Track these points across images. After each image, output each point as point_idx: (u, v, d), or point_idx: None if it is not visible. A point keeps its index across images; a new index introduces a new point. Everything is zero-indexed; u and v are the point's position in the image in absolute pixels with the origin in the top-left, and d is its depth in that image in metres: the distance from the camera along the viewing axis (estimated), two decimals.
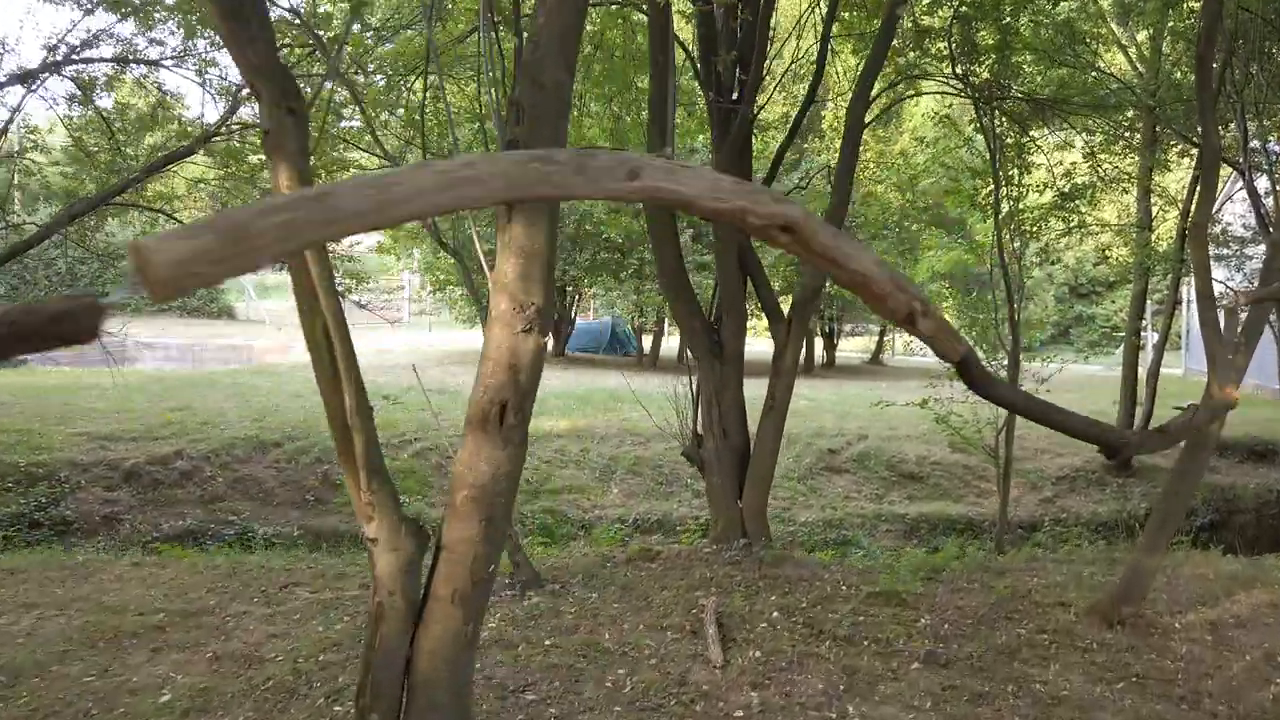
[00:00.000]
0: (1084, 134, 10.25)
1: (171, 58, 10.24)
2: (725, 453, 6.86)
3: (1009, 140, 8.57)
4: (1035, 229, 8.81)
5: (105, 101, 10.80)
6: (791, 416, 14.95)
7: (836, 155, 6.94)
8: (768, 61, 6.98)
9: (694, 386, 7.23)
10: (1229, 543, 12.35)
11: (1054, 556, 7.46)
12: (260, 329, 31.80)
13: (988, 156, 8.46)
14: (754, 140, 7.66)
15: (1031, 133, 9.17)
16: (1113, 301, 35.00)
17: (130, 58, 10.07)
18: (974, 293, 10.73)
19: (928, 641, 5.12)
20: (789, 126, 7.34)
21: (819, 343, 24.87)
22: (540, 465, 11.95)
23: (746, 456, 6.88)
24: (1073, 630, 5.45)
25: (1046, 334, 35.07)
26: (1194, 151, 12.24)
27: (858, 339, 31.23)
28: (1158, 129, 12.08)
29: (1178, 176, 15.09)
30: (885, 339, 28.93)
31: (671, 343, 27.10)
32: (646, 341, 25.75)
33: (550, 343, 18.57)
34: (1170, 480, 5.82)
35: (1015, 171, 8.69)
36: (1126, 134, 10.60)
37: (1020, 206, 8.83)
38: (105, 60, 10.06)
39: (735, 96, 6.56)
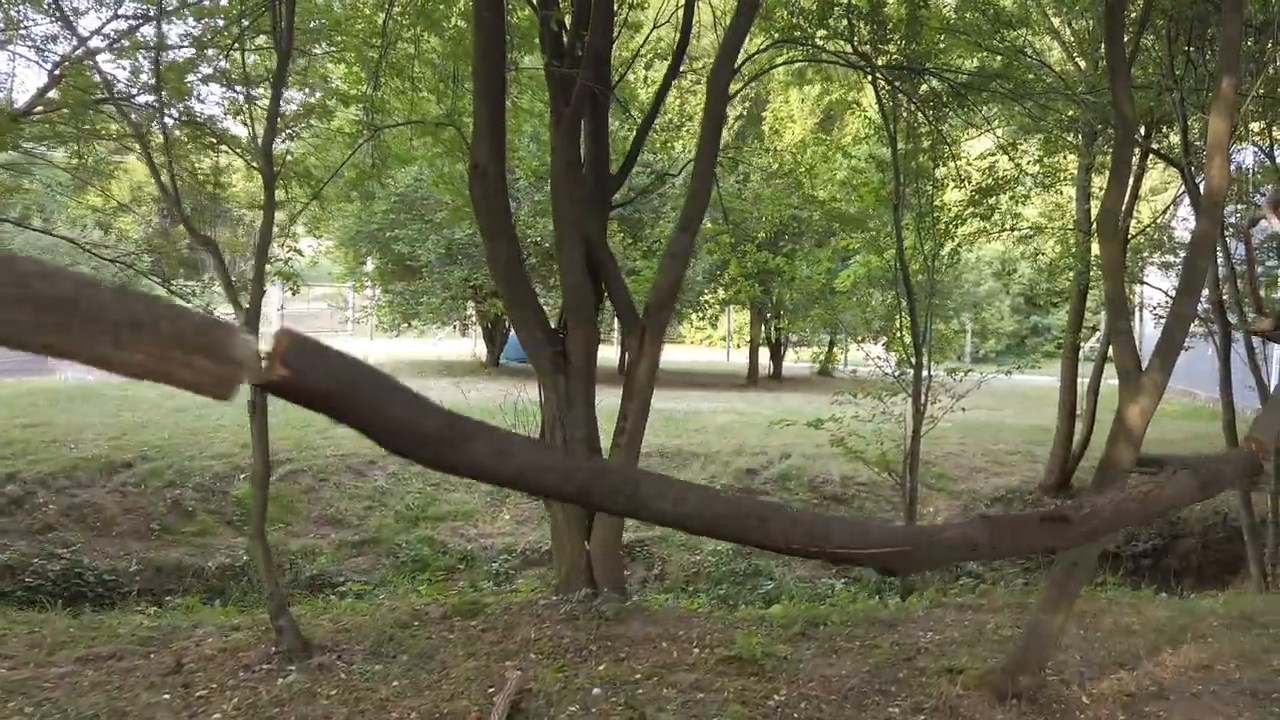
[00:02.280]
0: (1005, 126, 9.35)
1: None
2: None
3: (922, 129, 7.63)
4: (949, 228, 7.86)
5: None
6: (714, 433, 14.08)
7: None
8: (620, 18, 5.97)
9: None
10: (1172, 569, 11.52)
11: (960, 600, 6.47)
12: None
13: (898, 145, 7.51)
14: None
15: (951, 121, 8.24)
16: (1068, 312, 34.58)
17: None
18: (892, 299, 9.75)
19: None
20: (653, 104, 6.32)
21: (764, 353, 23.91)
22: (425, 489, 10.84)
23: None
24: (957, 708, 4.45)
25: (1002, 345, 34.55)
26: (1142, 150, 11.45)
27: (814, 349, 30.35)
28: (1098, 126, 11.25)
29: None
30: (835, 349, 28.06)
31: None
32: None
33: (485, 354, 17.44)
34: None
35: (929, 164, 7.75)
36: (1060, 130, 9.70)
37: (935, 204, 7.87)
38: None
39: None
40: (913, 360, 7.31)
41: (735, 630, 5.32)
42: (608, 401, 6.52)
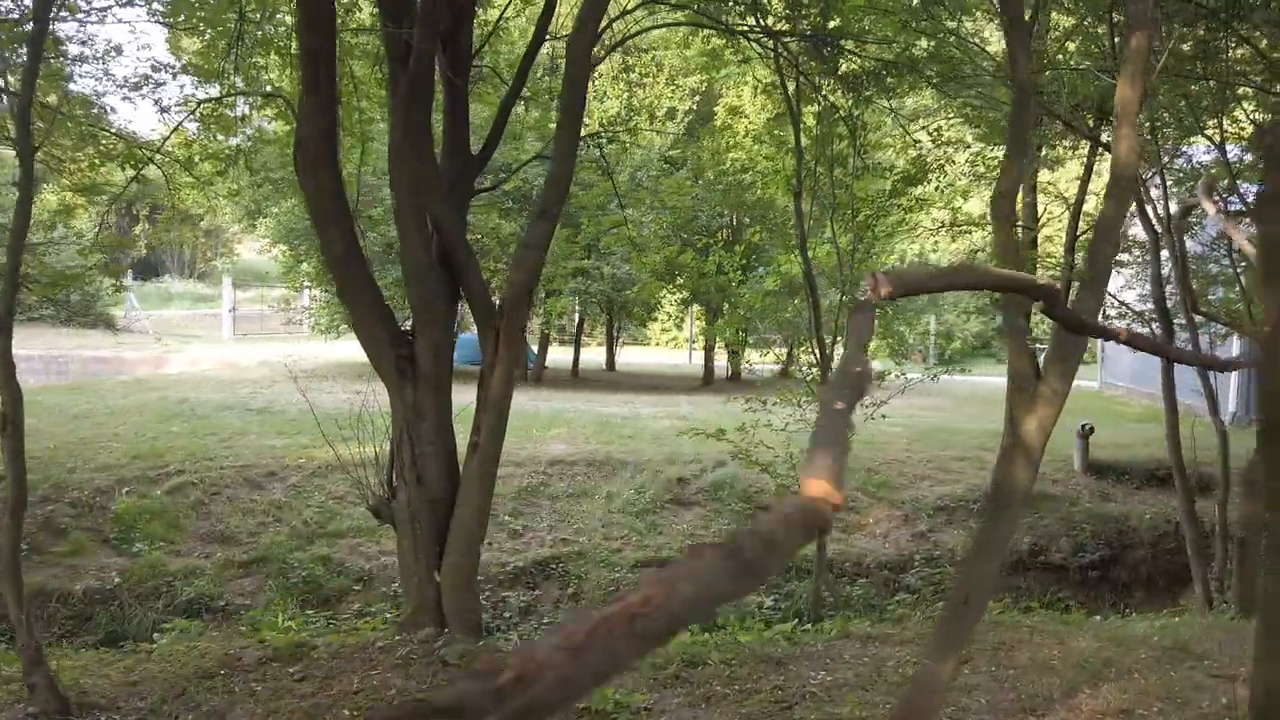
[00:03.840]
0: (941, 114, 8.76)
1: None
2: (420, 507, 5.10)
3: (840, 113, 7.00)
4: (869, 220, 7.23)
5: None
6: (646, 440, 13.39)
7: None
8: None
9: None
10: (1121, 581, 10.97)
11: (868, 630, 5.83)
12: (142, 340, 29.35)
13: (815, 129, 6.87)
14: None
15: (880, 107, 7.62)
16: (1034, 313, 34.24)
17: None
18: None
19: None
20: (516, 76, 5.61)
21: (721, 355, 23.24)
22: (326, 503, 10.08)
23: (451, 512, 5.13)
24: None
25: (967, 346, 34.15)
26: (1089, 144, 10.91)
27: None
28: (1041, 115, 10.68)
29: (1075, 171, 13.80)
30: (794, 351, 27.46)
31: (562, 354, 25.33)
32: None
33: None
34: (969, 556, 4.22)
35: (846, 150, 7.12)
36: (999, 119, 9.11)
37: (855, 194, 7.24)
38: None
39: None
40: (816, 362, 6.66)
41: None
42: (577, 405, 5.80)
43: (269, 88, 6.29)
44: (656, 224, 14.18)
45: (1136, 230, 12.65)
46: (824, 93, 7.15)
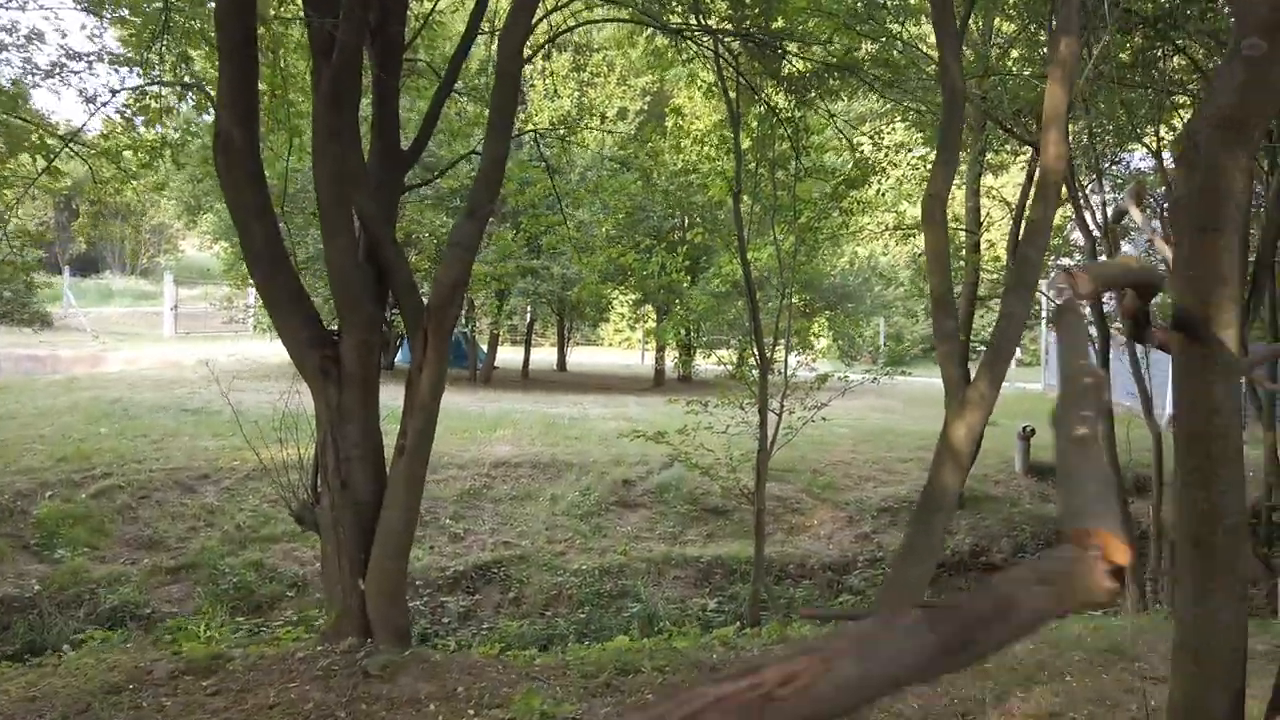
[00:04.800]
0: (885, 117, 8.78)
1: None
2: (345, 512, 4.93)
3: (782, 114, 6.96)
4: (811, 222, 7.21)
5: None
6: (593, 441, 13.27)
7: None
8: None
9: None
10: None
11: (806, 632, 5.79)
12: (80, 337, 28.44)
13: (756, 130, 6.82)
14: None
15: (823, 110, 7.59)
16: (982, 316, 34.83)
17: None
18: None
19: None
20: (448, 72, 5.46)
21: (670, 354, 23.20)
22: (260, 506, 9.81)
23: (377, 516, 4.97)
24: None
25: (916, 347, 34.60)
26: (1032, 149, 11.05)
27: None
28: (984, 120, 10.79)
29: (1018, 176, 13.99)
30: (744, 353, 27.55)
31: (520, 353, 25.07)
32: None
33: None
34: (899, 561, 4.20)
35: (790, 151, 7.08)
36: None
37: (797, 196, 7.21)
38: None
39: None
40: (757, 364, 6.62)
41: (516, 685, 4.52)
42: (525, 406, 5.61)
43: (188, 79, 6.06)
44: (600, 225, 14.06)
45: (1079, 235, 12.89)
46: (766, 94, 7.10)
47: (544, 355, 29.33)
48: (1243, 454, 2.33)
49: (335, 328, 5.10)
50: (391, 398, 9.24)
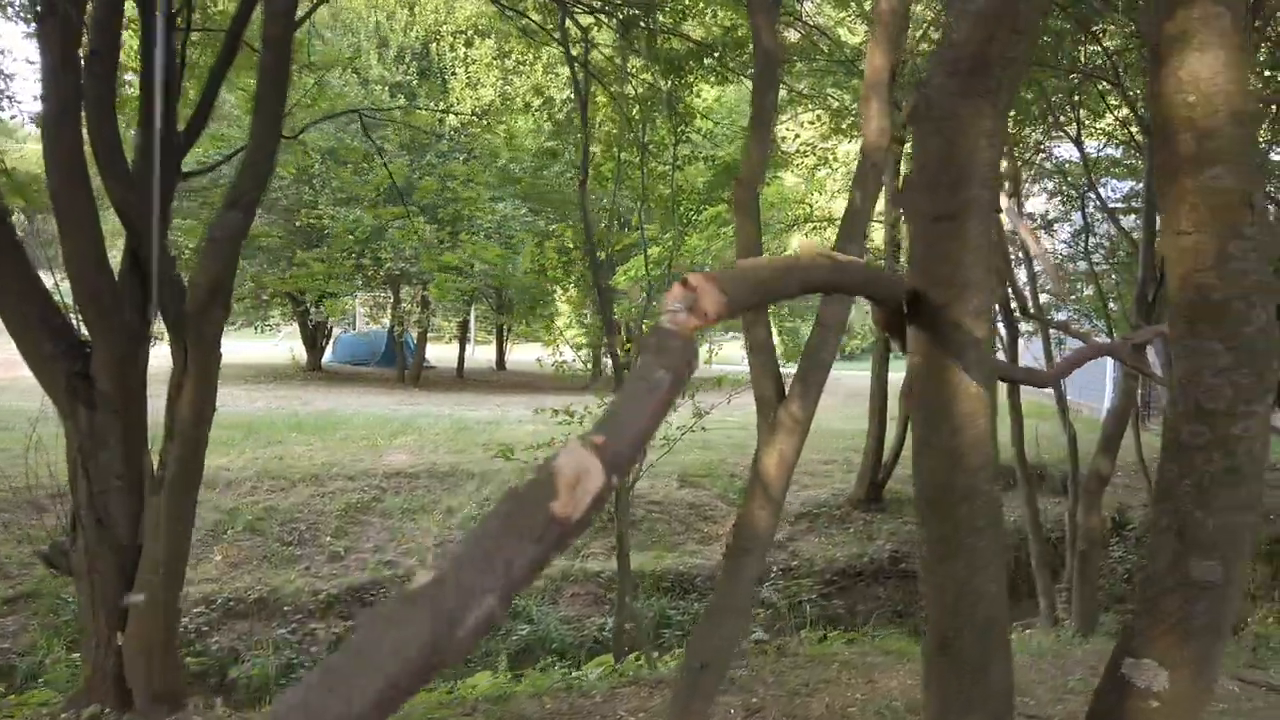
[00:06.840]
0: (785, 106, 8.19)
1: None
2: (101, 554, 4.23)
3: (642, 97, 6.32)
4: (688, 214, 6.60)
5: None
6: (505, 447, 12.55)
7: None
8: None
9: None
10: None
11: (651, 674, 5.18)
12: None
13: (623, 115, 6.18)
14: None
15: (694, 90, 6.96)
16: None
17: None
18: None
19: None
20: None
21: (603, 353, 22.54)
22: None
23: (138, 557, 4.27)
24: None
25: (866, 342, 34.27)
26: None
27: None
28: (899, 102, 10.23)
29: None
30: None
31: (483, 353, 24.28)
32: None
33: (304, 355, 15.31)
34: (706, 618, 3.60)
35: (670, 136, 6.46)
36: (845, 107, 8.61)
37: (677, 185, 6.59)
38: None
39: None
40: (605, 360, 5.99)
41: None
42: (444, 409, 4.85)
43: None
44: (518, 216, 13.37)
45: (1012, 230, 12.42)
46: (640, 75, 6.46)
47: (486, 353, 28.54)
48: (1001, 509, 1.73)
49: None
50: (318, 401, 8.44)
